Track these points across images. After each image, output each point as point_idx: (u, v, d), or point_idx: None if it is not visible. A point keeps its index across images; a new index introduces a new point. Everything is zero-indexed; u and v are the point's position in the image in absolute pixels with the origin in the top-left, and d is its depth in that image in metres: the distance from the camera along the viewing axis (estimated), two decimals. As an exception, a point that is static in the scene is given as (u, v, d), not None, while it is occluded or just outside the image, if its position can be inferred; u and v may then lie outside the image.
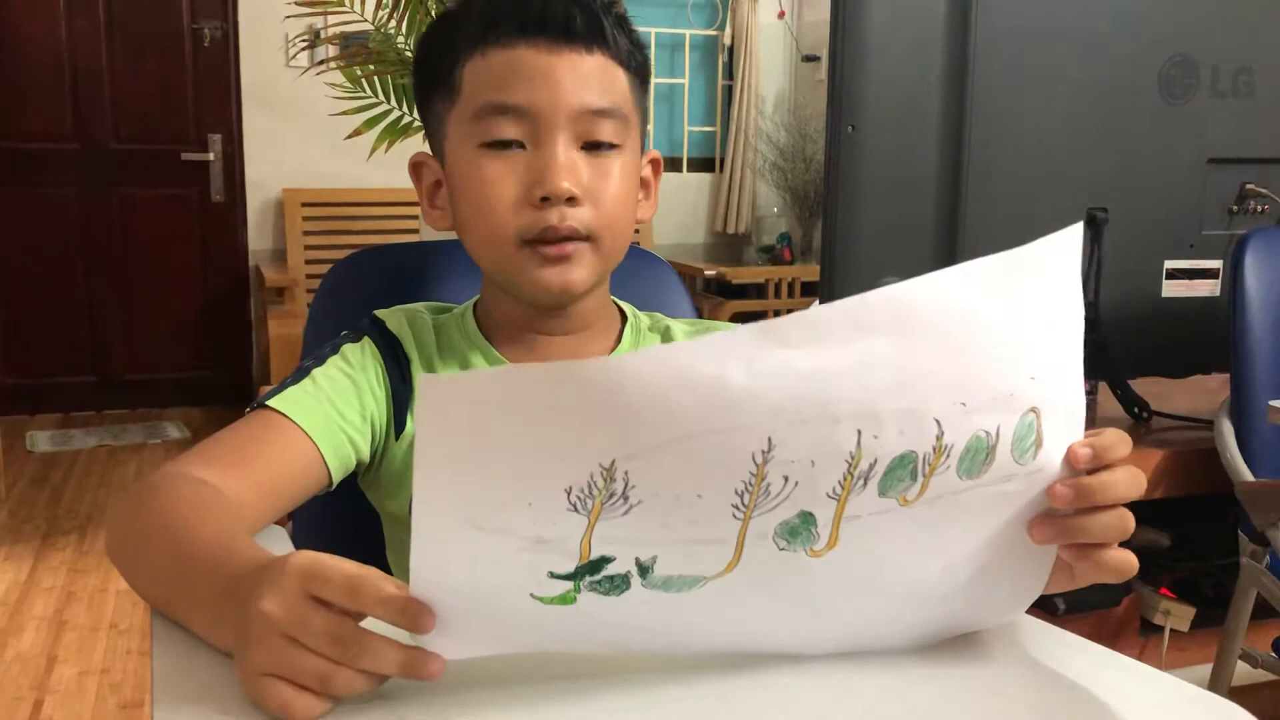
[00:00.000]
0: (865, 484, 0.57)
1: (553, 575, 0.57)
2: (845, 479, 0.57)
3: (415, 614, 0.56)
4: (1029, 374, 0.59)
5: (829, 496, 0.57)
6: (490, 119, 0.88)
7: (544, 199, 0.87)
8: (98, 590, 2.95)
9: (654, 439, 0.53)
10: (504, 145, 0.88)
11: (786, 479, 0.56)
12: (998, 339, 0.58)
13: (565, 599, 0.58)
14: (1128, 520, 0.63)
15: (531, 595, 0.58)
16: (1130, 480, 0.63)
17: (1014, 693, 0.66)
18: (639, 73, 0.94)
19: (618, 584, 0.58)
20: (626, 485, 0.54)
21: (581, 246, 0.89)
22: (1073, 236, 0.59)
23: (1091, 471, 0.63)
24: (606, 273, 0.95)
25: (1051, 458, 0.62)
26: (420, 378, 0.52)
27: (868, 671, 0.66)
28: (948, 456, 0.58)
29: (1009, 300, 0.58)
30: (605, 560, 0.57)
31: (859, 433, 0.55)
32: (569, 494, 0.54)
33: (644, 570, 0.58)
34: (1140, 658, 0.82)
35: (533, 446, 0.53)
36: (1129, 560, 0.64)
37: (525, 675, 0.62)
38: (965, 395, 0.57)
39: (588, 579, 0.57)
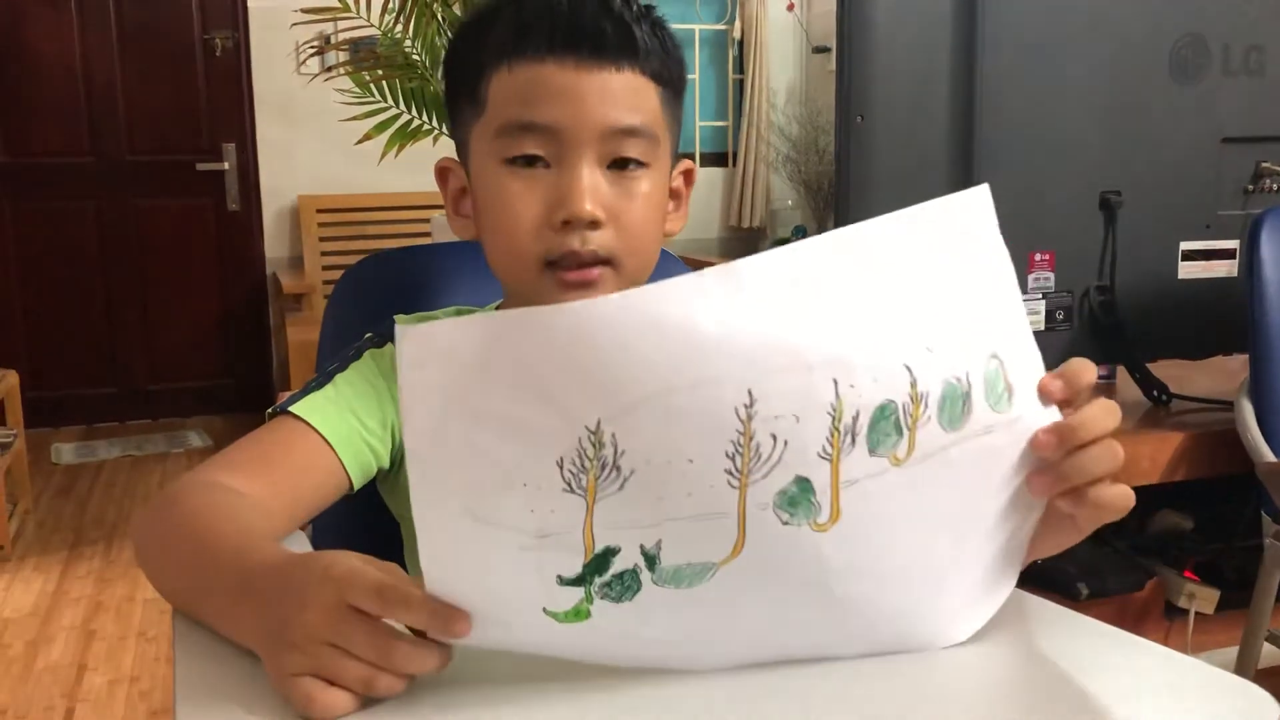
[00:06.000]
0: (854, 441, 0.58)
1: (562, 581, 0.57)
2: (832, 435, 0.57)
3: (446, 619, 0.57)
4: (978, 319, 0.62)
5: (821, 457, 0.58)
6: (514, 136, 0.86)
7: (566, 222, 0.85)
8: (125, 599, 2.97)
9: (634, 394, 0.54)
10: (528, 162, 0.86)
11: (775, 438, 0.56)
12: (943, 283, 0.60)
13: (579, 613, 0.58)
14: (1117, 450, 0.64)
15: (545, 611, 0.58)
16: (1106, 411, 0.64)
17: (1032, 677, 0.66)
18: (671, 84, 0.91)
19: (628, 584, 0.58)
20: (616, 451, 0.55)
21: (604, 272, 0.87)
22: (982, 194, 0.63)
23: (1065, 408, 0.64)
24: None
25: (1026, 406, 0.63)
26: (397, 328, 0.53)
27: (880, 658, 0.65)
28: (926, 406, 0.59)
29: (943, 248, 0.61)
30: (611, 552, 0.57)
31: (835, 382, 0.57)
32: (561, 468, 0.55)
33: (651, 561, 0.58)
34: (1165, 642, 0.82)
35: (515, 409, 0.54)
36: (1125, 493, 0.64)
37: (532, 670, 0.62)
38: (928, 340, 0.59)
39: (597, 581, 0.57)
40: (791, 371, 0.56)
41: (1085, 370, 0.65)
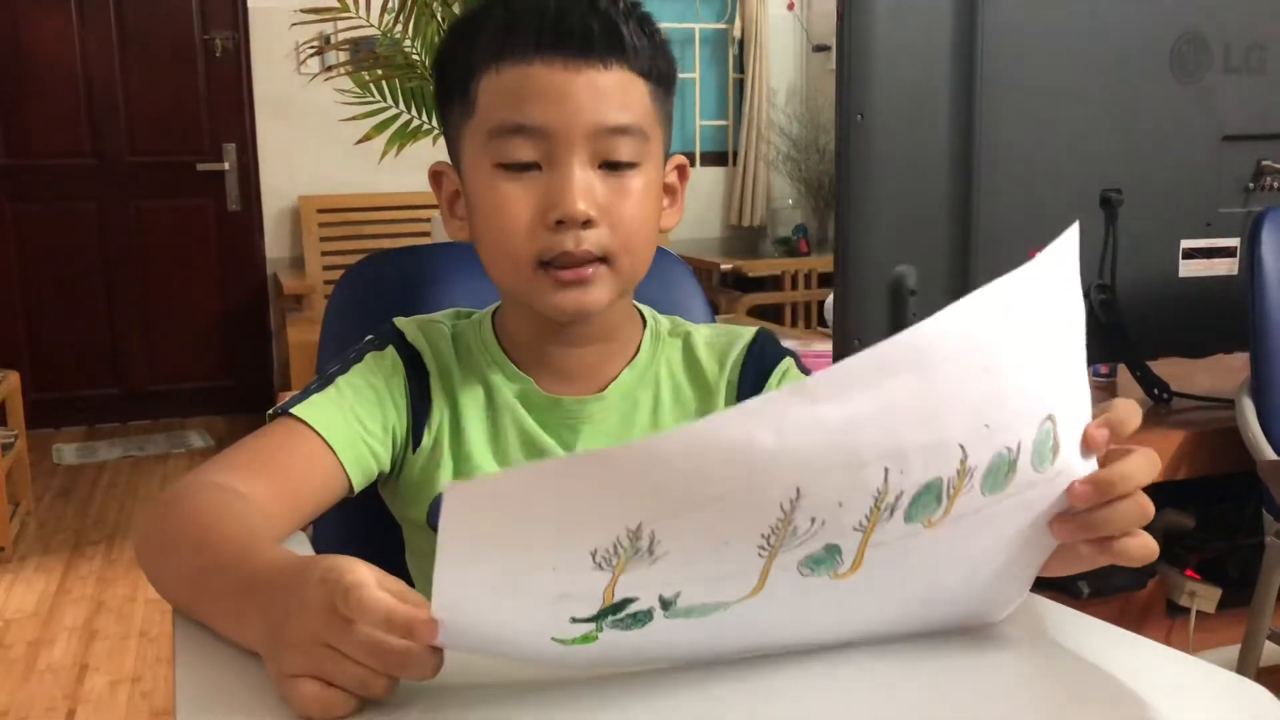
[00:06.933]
0: (891, 515, 0.57)
1: (575, 620, 0.57)
2: (872, 512, 0.56)
3: (404, 626, 0.55)
4: (1044, 382, 0.59)
5: (855, 530, 0.57)
6: (505, 139, 0.86)
7: (559, 222, 0.85)
8: (127, 600, 2.97)
9: (681, 502, 0.53)
10: (520, 167, 0.86)
11: (814, 520, 0.55)
12: (1015, 357, 0.57)
13: (587, 639, 0.58)
14: (1147, 506, 0.63)
15: (553, 639, 0.58)
16: (1146, 464, 0.63)
17: (1033, 676, 0.66)
18: (661, 80, 0.91)
19: (640, 619, 0.58)
20: (653, 542, 0.54)
21: (599, 269, 0.87)
22: (1070, 240, 0.59)
23: (1106, 459, 0.63)
24: (626, 292, 0.92)
25: (1068, 458, 0.61)
26: (446, 486, 0.52)
27: (885, 657, 0.65)
28: (971, 478, 0.57)
29: (1021, 317, 0.57)
30: (628, 601, 0.57)
31: (885, 470, 0.55)
32: (594, 555, 0.54)
33: (666, 604, 0.58)
34: (1167, 640, 0.82)
35: (557, 526, 0.53)
36: (1150, 545, 0.64)
37: (530, 672, 0.62)
38: (988, 417, 0.57)
39: (610, 619, 0.57)
40: (844, 468, 0.54)
41: (1131, 417, 0.63)
